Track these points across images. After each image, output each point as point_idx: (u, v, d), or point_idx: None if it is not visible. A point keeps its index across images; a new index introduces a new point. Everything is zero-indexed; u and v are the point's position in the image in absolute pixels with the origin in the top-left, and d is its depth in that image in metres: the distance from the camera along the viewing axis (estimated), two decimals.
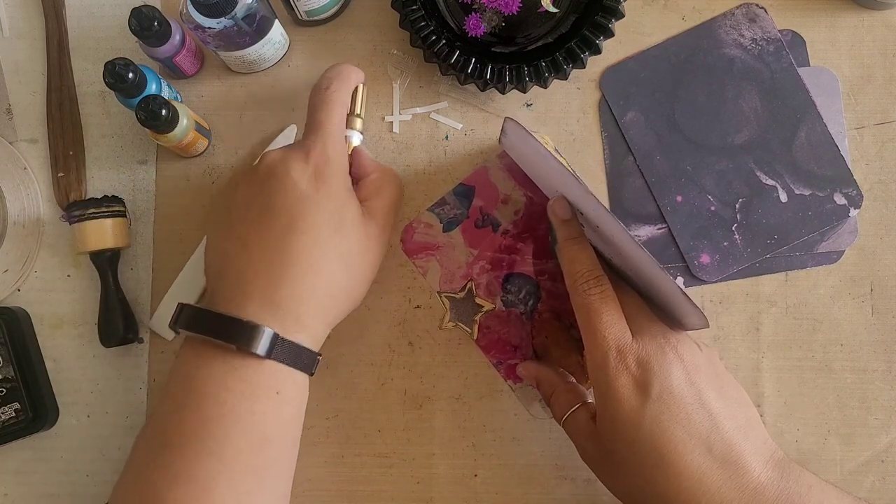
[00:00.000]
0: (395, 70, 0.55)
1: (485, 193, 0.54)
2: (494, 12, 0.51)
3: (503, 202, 0.54)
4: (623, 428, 0.40)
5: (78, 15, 0.55)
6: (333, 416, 0.53)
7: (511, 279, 0.54)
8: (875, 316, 0.53)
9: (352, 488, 0.53)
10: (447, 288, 0.54)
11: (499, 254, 0.54)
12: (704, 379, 0.41)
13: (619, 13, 0.51)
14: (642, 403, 0.40)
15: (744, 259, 0.53)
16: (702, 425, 0.39)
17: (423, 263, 0.54)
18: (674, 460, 0.39)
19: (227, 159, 0.55)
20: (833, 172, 0.54)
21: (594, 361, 0.42)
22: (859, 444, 0.53)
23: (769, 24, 0.55)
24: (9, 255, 0.53)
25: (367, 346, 0.53)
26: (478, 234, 0.54)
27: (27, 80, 0.55)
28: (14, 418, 0.50)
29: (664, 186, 0.54)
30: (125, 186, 0.54)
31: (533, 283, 0.53)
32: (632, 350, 0.41)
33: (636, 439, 0.40)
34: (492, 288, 0.53)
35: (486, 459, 0.53)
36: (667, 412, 0.39)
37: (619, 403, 0.40)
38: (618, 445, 0.41)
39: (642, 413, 0.40)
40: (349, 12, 0.56)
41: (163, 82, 0.51)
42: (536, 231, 0.54)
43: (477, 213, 0.54)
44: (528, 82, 0.51)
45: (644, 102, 0.55)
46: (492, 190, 0.54)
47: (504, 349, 0.53)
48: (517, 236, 0.54)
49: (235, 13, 0.46)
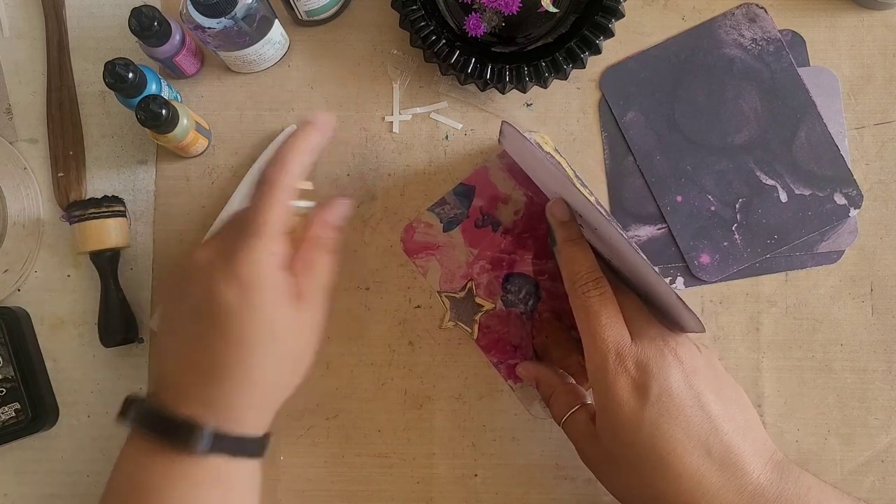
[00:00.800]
0: (395, 70, 0.55)
1: (485, 193, 0.54)
2: (494, 12, 0.51)
3: (503, 202, 0.54)
4: (622, 430, 0.40)
5: (78, 15, 0.55)
6: (333, 416, 0.53)
7: (511, 279, 0.53)
8: (875, 316, 0.53)
9: (352, 488, 0.53)
10: (447, 288, 0.54)
11: (499, 254, 0.54)
12: (703, 381, 0.41)
13: (619, 13, 0.51)
14: (641, 406, 0.40)
15: (744, 259, 0.53)
16: (701, 427, 0.39)
17: (423, 263, 0.54)
18: (673, 462, 0.39)
19: (227, 159, 0.55)
20: (833, 172, 0.54)
21: (593, 363, 0.42)
22: (859, 444, 0.53)
23: (769, 24, 0.55)
24: (9, 255, 0.53)
25: (367, 346, 0.53)
26: (478, 234, 0.54)
27: (27, 80, 0.55)
28: (14, 418, 0.50)
29: (664, 186, 0.54)
30: (125, 186, 0.54)
31: (533, 283, 0.53)
32: (631, 353, 0.41)
33: (635, 441, 0.40)
34: (492, 288, 0.53)
35: (486, 459, 0.53)
36: (666, 415, 0.39)
37: (618, 406, 0.40)
38: (617, 447, 0.41)
39: (641, 416, 0.40)
40: (349, 12, 0.56)
41: (163, 82, 0.51)
42: (536, 231, 0.54)
43: (477, 213, 0.54)
44: (528, 82, 0.51)
45: (644, 102, 0.55)
46: (492, 190, 0.54)
47: (504, 349, 0.53)
48: (517, 236, 0.54)
49: (235, 13, 0.46)
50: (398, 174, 0.54)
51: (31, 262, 0.53)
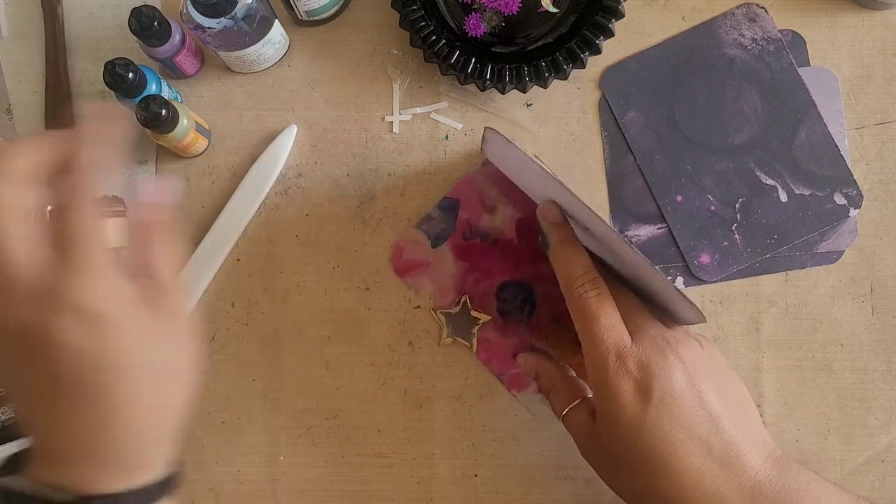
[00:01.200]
0: (395, 70, 0.55)
1: (470, 205, 0.53)
2: (494, 12, 0.51)
3: (489, 212, 0.53)
4: (624, 431, 0.40)
5: (78, 15, 0.55)
6: (333, 416, 0.53)
7: (505, 288, 0.53)
8: (875, 316, 0.53)
9: (352, 488, 0.53)
10: (441, 304, 0.53)
11: (490, 264, 0.53)
12: (705, 379, 0.41)
13: (619, 13, 0.51)
14: (644, 408, 0.40)
15: (744, 259, 0.53)
16: (702, 427, 0.39)
17: (414, 282, 0.53)
18: (674, 463, 0.39)
19: (227, 159, 0.55)
20: (833, 172, 0.54)
21: (593, 365, 0.42)
22: (859, 444, 0.53)
23: (769, 23, 0.55)
24: None
25: (367, 346, 0.53)
26: (467, 247, 0.53)
27: (27, 80, 0.55)
28: (14, 418, 0.50)
29: (664, 186, 0.54)
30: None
31: (527, 290, 0.53)
32: (632, 353, 0.41)
33: (637, 443, 0.40)
34: (486, 299, 0.53)
35: (486, 459, 0.53)
36: (668, 416, 0.39)
37: (619, 408, 0.40)
38: (618, 448, 0.41)
39: (644, 418, 0.40)
40: (349, 12, 0.56)
41: (163, 82, 0.51)
42: (526, 237, 0.53)
43: (464, 226, 0.53)
44: (528, 82, 0.51)
45: (644, 102, 0.55)
46: (477, 201, 0.53)
47: (505, 359, 0.53)
48: (507, 244, 0.53)
49: (235, 13, 0.46)
50: (398, 174, 0.54)
51: None
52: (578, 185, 0.54)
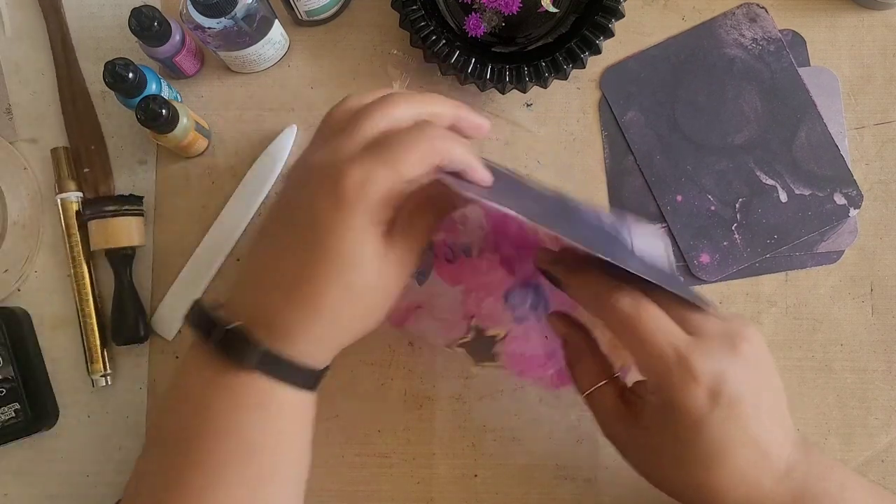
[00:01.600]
0: (395, 70, 0.55)
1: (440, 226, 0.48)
2: (494, 12, 0.51)
3: (462, 223, 0.51)
4: (681, 429, 0.38)
5: (78, 15, 0.55)
6: (333, 416, 0.53)
7: (511, 294, 0.52)
8: (875, 316, 0.53)
9: (352, 488, 0.53)
10: (453, 337, 0.51)
11: (485, 278, 0.51)
12: (762, 376, 0.39)
13: (619, 13, 0.51)
14: (710, 410, 0.37)
15: (744, 259, 0.53)
16: (756, 425, 0.38)
17: (416, 327, 0.51)
18: (725, 460, 0.38)
19: (227, 159, 0.55)
20: (833, 172, 0.54)
21: (653, 372, 0.39)
22: (859, 444, 0.53)
23: (769, 23, 0.55)
24: (9, 255, 0.53)
25: (367, 346, 0.53)
26: (455, 269, 0.51)
27: (27, 80, 0.55)
28: (14, 418, 0.50)
29: (664, 186, 0.54)
30: (125, 186, 0.54)
31: (534, 288, 0.52)
32: (696, 356, 0.38)
33: (696, 440, 0.38)
34: (496, 312, 0.51)
35: (486, 459, 0.53)
36: (731, 417, 0.38)
37: (684, 412, 0.38)
38: (669, 442, 0.39)
39: (708, 419, 0.38)
40: (349, 12, 0.56)
41: (163, 82, 0.51)
42: (510, 235, 0.51)
43: (443, 249, 0.51)
44: (528, 82, 0.51)
45: (644, 102, 0.55)
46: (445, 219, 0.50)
47: (536, 365, 0.51)
48: (493, 249, 0.51)
49: (235, 13, 0.46)
50: None
51: (31, 262, 0.53)
52: (578, 185, 0.54)
